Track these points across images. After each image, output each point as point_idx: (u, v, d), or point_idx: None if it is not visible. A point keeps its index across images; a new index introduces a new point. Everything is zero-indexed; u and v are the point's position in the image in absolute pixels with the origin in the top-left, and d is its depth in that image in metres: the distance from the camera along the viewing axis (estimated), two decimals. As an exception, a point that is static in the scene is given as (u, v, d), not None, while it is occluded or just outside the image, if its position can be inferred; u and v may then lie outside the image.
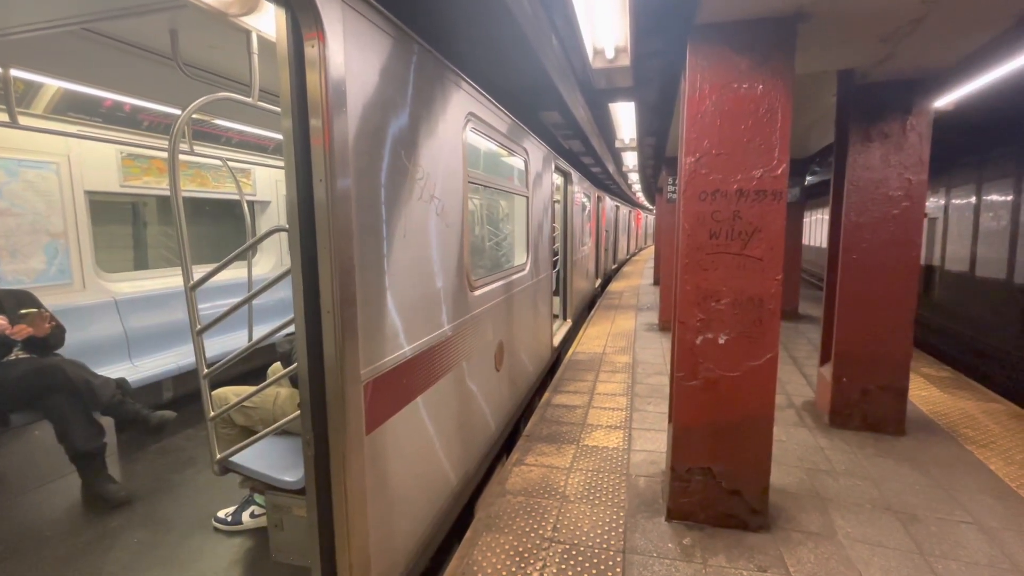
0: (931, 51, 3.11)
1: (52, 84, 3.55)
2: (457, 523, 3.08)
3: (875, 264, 3.88)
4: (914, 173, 3.74)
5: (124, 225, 5.25)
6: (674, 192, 8.02)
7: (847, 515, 2.92)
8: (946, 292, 11.41)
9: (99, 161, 4.29)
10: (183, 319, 4.48)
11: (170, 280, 4.94)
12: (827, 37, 2.81)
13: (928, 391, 4.93)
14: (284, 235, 2.17)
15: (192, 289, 2.24)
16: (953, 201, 11.13)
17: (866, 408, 4.02)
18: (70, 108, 3.85)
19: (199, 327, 2.28)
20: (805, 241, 20.89)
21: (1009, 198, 9.06)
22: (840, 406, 4.09)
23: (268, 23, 2.26)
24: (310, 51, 1.68)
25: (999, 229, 9.34)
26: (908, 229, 3.80)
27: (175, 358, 4.41)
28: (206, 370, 2.33)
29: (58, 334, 3.34)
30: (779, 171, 2.51)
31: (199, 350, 2.32)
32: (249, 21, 2.19)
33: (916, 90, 3.66)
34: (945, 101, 3.89)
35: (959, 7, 2.47)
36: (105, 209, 4.86)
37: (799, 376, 5.54)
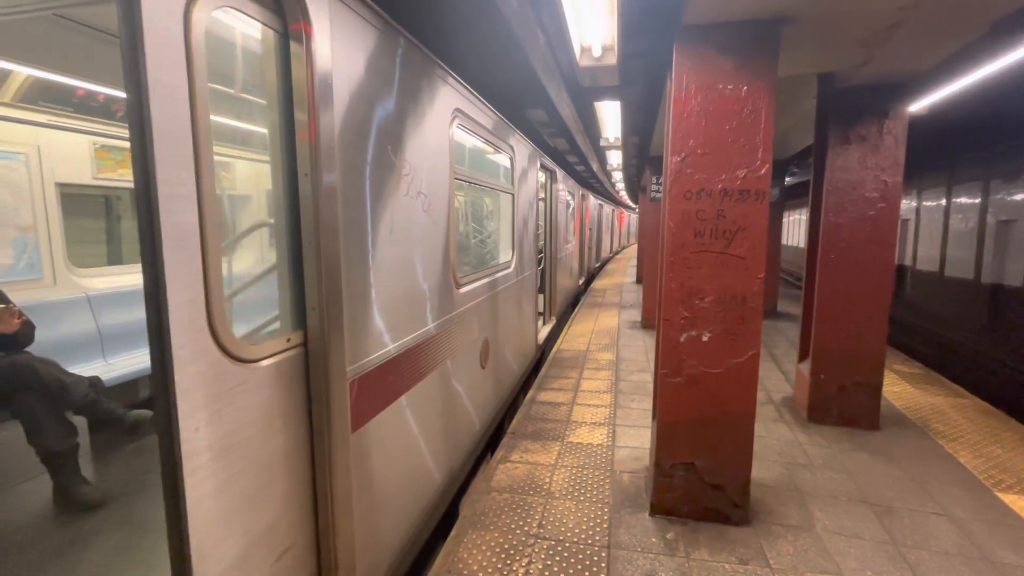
0: (907, 56, 3.20)
1: (21, 71, 3.42)
2: (442, 521, 3.07)
3: (852, 263, 3.98)
4: (890, 175, 3.84)
5: (97, 219, 5.09)
6: (657, 191, 8.10)
7: (825, 508, 2.99)
8: (917, 291, 11.76)
9: (71, 152, 4.15)
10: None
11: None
12: (809, 40, 2.86)
13: (900, 387, 5.08)
14: (265, 231, 2.07)
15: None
16: (924, 203, 11.47)
17: (842, 404, 4.12)
18: (40, 97, 3.71)
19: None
20: (783, 241, 21.32)
21: (977, 201, 9.38)
22: (817, 402, 4.19)
23: (253, 13, 2.21)
24: (296, 43, 1.65)
25: (967, 231, 9.67)
26: (883, 229, 3.90)
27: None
28: None
29: (27, 331, 3.22)
30: (762, 171, 2.55)
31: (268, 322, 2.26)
32: None
33: (893, 94, 3.76)
34: (919, 106, 4.00)
35: (934, 14, 2.55)
36: (77, 202, 4.71)
37: (778, 373, 5.65)
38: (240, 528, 1.50)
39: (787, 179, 9.86)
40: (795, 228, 23.35)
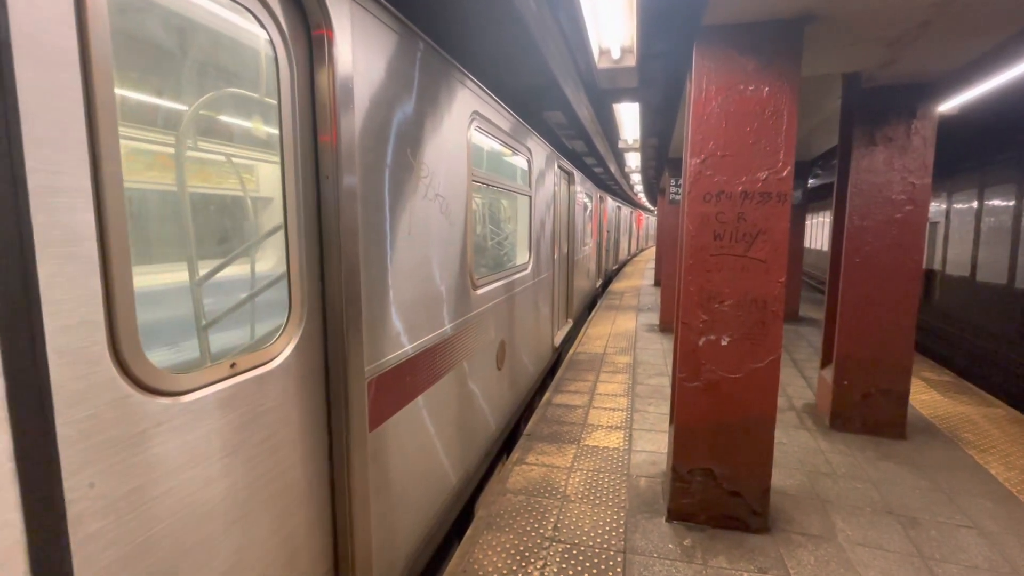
0: (938, 55, 3.11)
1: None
2: (457, 521, 3.08)
3: (877, 267, 3.88)
4: (918, 177, 3.74)
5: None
6: (676, 193, 8.02)
7: (847, 518, 2.92)
8: (946, 296, 11.41)
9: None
10: (175, 315, 4.48)
11: (158, 277, 4.92)
12: (833, 40, 2.81)
13: (929, 395, 4.93)
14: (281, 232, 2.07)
15: (198, 284, 2.24)
16: (955, 206, 11.12)
17: (867, 411, 4.02)
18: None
19: (205, 322, 2.28)
20: (806, 244, 20.88)
21: (1011, 203, 9.06)
22: (841, 409, 4.09)
23: (277, 19, 2.26)
24: (319, 48, 1.68)
25: (1001, 234, 9.34)
26: (911, 233, 3.80)
27: (165, 356, 4.40)
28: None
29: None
30: (784, 173, 2.51)
31: (204, 345, 2.32)
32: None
33: (921, 94, 3.66)
34: (950, 105, 3.89)
35: (968, 11, 2.47)
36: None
37: (799, 379, 5.54)
38: None
39: (810, 181, 9.67)
40: (818, 231, 22.88)
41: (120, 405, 1.12)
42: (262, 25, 1.54)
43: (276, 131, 1.66)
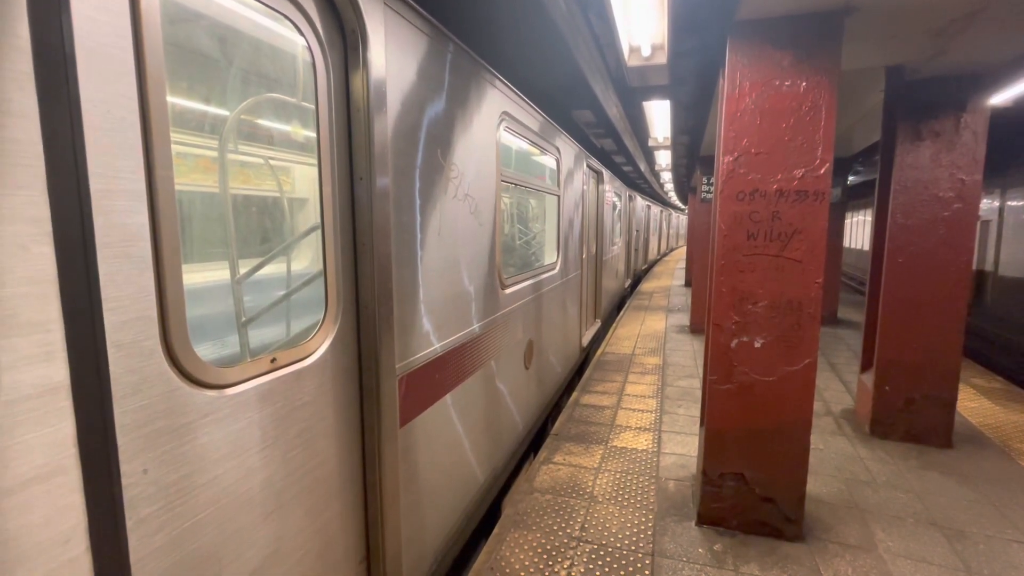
0: (988, 45, 2.96)
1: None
2: (484, 519, 3.11)
3: (923, 268, 3.72)
4: (967, 173, 3.56)
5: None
6: (708, 192, 7.86)
7: (888, 528, 2.81)
8: (999, 298, 10.81)
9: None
10: (206, 313, 4.65)
11: (200, 275, 5.13)
12: (875, 32, 2.70)
13: (978, 402, 4.69)
14: (317, 232, 2.13)
15: (238, 282, 2.34)
16: (1009, 203, 10.52)
17: (910, 418, 3.85)
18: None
19: (244, 319, 2.37)
20: (845, 243, 20.13)
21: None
22: (882, 415, 3.93)
23: (314, 26, 2.33)
24: (353, 52, 1.73)
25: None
26: (959, 232, 3.62)
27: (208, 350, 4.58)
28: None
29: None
30: (822, 171, 2.44)
31: (244, 342, 2.42)
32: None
33: (971, 86, 3.48)
34: (1004, 97, 3.68)
35: (1021, -2, 2.35)
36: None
37: (837, 383, 5.35)
38: None
39: (851, 178, 9.31)
40: (858, 229, 22.00)
41: (170, 397, 1.17)
42: (300, 32, 1.59)
43: (313, 134, 1.70)
